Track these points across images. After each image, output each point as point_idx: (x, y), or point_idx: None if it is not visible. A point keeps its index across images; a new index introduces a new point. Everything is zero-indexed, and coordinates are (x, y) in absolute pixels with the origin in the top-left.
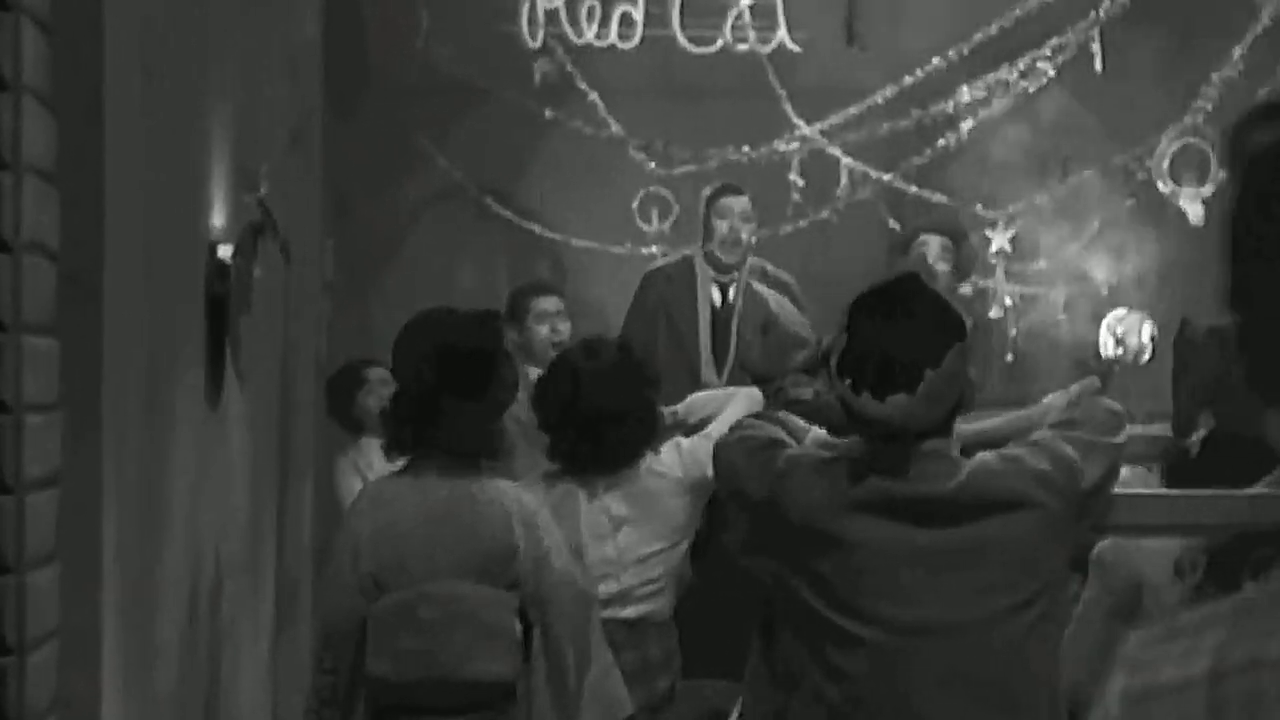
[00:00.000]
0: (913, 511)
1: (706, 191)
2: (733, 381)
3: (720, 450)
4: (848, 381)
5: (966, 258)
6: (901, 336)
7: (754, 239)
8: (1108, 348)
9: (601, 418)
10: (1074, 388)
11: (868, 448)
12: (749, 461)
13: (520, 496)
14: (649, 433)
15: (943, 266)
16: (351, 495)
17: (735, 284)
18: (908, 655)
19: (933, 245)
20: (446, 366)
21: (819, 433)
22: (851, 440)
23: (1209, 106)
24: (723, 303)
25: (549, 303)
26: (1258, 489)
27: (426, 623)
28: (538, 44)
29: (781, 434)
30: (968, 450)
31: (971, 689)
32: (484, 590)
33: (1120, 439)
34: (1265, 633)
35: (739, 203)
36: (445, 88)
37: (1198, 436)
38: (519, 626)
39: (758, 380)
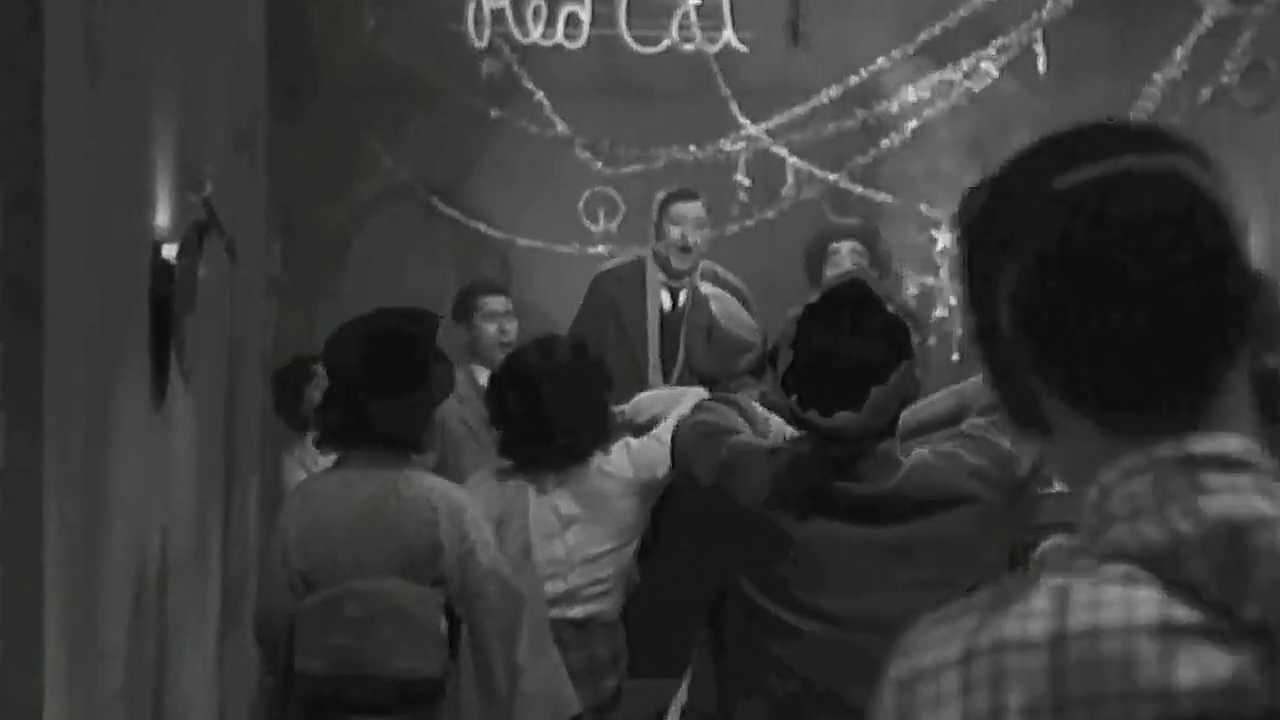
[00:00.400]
0: (855, 509)
1: (660, 195)
2: (680, 385)
3: (678, 432)
4: (794, 397)
5: (884, 255)
6: (849, 353)
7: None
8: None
9: (555, 416)
10: None
11: (813, 446)
12: (699, 446)
13: (447, 492)
14: (601, 432)
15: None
16: None
17: (686, 289)
18: (848, 650)
19: (843, 251)
20: (374, 361)
21: (779, 422)
22: (799, 436)
23: (1151, 106)
24: (673, 307)
25: (497, 302)
26: None
27: (352, 619)
28: (484, 43)
29: (738, 420)
30: (906, 440)
31: None
32: (410, 587)
33: None
34: (1012, 617)
35: (693, 209)
36: (392, 87)
37: None
38: (445, 623)
39: (704, 382)
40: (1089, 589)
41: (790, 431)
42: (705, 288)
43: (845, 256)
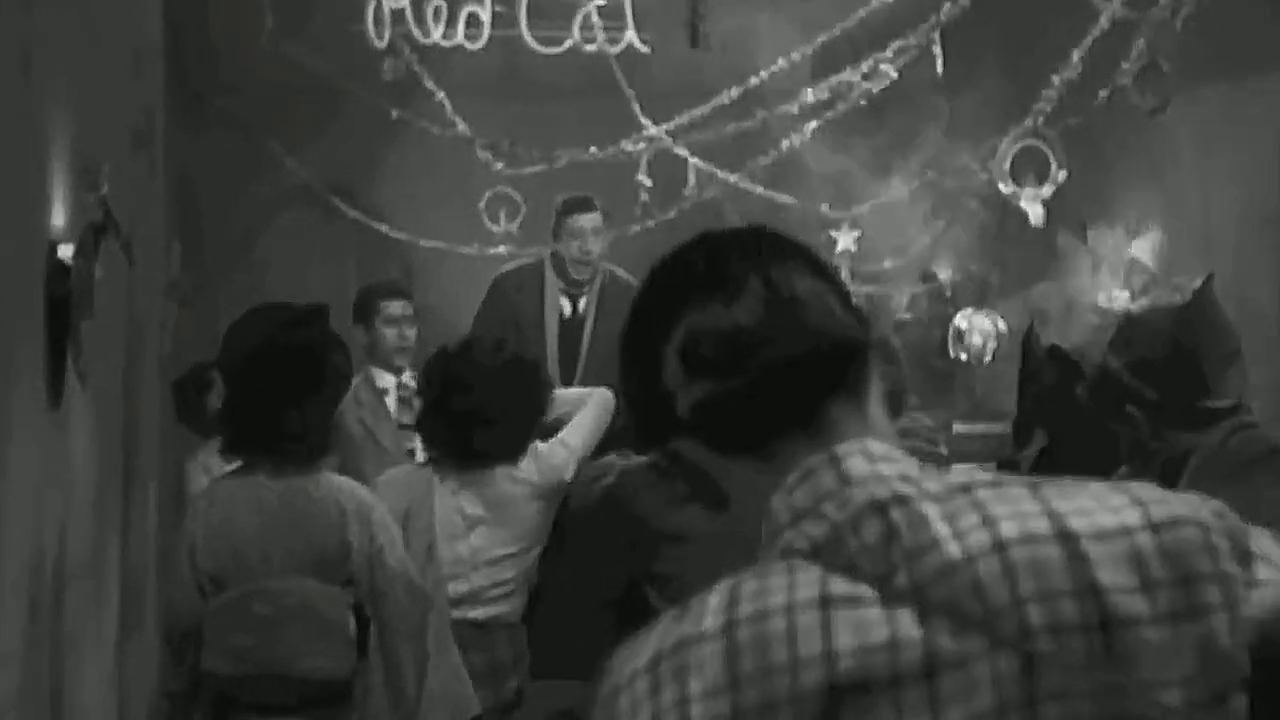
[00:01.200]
0: None
1: (558, 204)
2: None
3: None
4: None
5: None
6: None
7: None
8: (953, 347)
9: (492, 414)
10: None
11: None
12: (585, 485)
13: (356, 492)
14: (529, 433)
15: None
16: None
17: (586, 295)
18: None
19: None
20: (274, 364)
21: None
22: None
23: (1049, 108)
24: (572, 313)
25: (397, 306)
26: None
27: (260, 619)
28: (384, 44)
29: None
30: None
31: None
32: (319, 587)
33: (943, 450)
34: (690, 620)
35: (590, 220)
36: (292, 87)
37: (1031, 451)
38: (353, 623)
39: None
40: (756, 581)
41: None
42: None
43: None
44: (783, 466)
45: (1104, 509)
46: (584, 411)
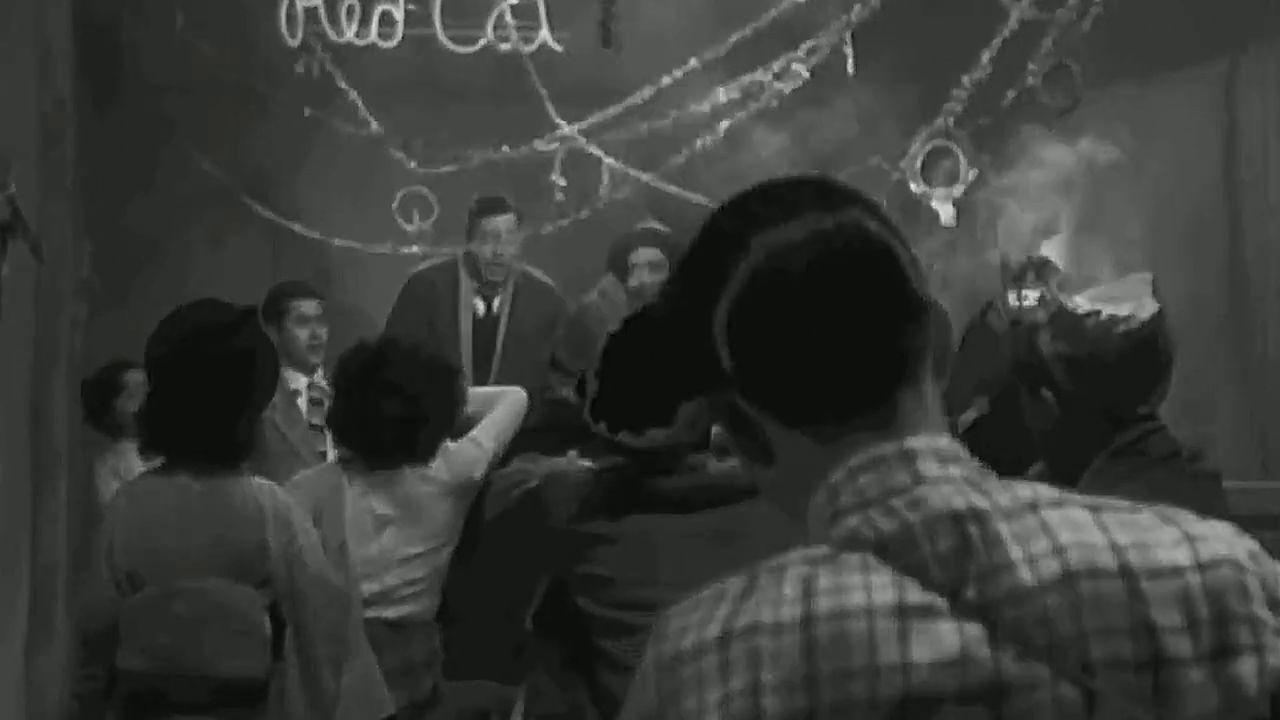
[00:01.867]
0: (669, 500)
1: (472, 205)
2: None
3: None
4: (603, 423)
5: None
6: (654, 376)
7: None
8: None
9: (408, 414)
10: None
11: (627, 461)
12: (505, 491)
13: (275, 494)
14: (444, 435)
15: (658, 276)
16: None
17: (500, 295)
18: None
19: (641, 262)
20: (205, 365)
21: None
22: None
23: (958, 108)
24: (486, 312)
25: (308, 306)
26: None
27: (177, 619)
28: (297, 42)
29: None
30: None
31: None
32: (236, 587)
33: None
34: (763, 602)
35: (505, 222)
36: (204, 85)
37: (966, 417)
38: (270, 624)
39: (565, 372)
40: (832, 575)
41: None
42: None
43: (644, 267)
44: (839, 452)
45: (1159, 545)
46: (496, 410)
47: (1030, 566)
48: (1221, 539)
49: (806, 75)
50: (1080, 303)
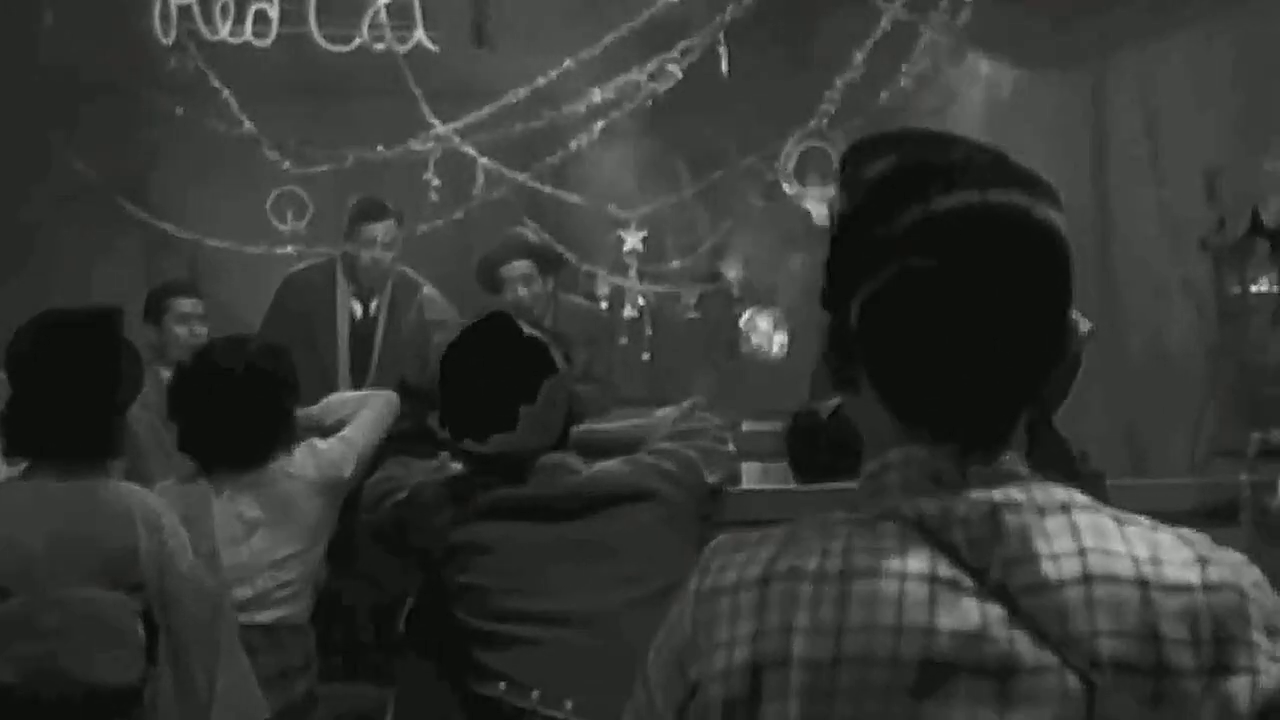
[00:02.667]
0: (540, 510)
1: (352, 208)
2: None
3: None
4: (447, 430)
5: (555, 261)
6: (492, 383)
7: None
8: (742, 345)
9: (237, 417)
10: (685, 403)
11: (486, 468)
12: (375, 502)
13: (144, 498)
14: (282, 434)
15: (535, 289)
16: None
17: (377, 297)
18: (550, 647)
19: (515, 277)
20: (64, 365)
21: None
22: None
23: (832, 109)
24: (364, 315)
25: (187, 304)
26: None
27: (46, 628)
28: (170, 40)
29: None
30: (587, 452)
31: (609, 678)
32: (106, 594)
33: (732, 449)
34: (805, 551)
35: (384, 230)
36: (75, 83)
37: (831, 403)
38: (143, 630)
39: (407, 393)
40: (871, 538)
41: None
42: (432, 309)
43: (517, 281)
44: (911, 434)
45: (1173, 563)
46: (366, 410)
47: (1054, 562)
48: (1231, 566)
49: (680, 75)
50: None
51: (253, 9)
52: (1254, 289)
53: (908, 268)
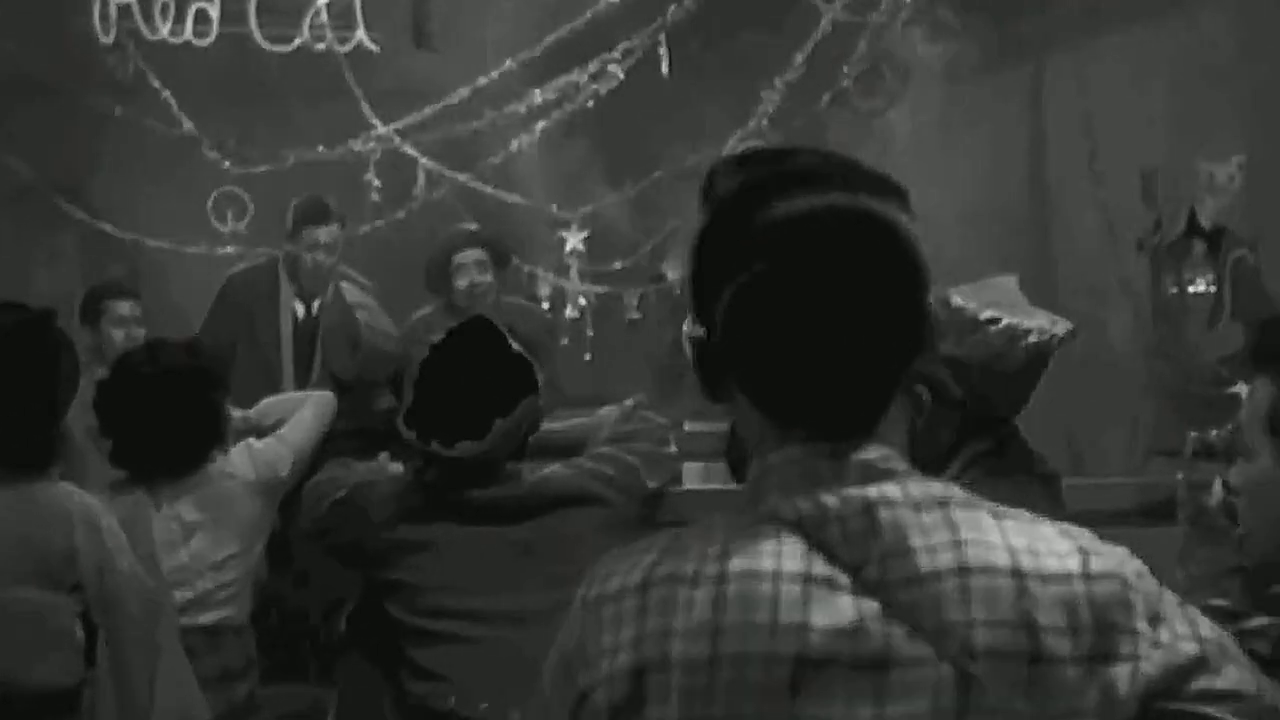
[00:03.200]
0: (480, 511)
1: (295, 210)
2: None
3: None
4: (414, 431)
5: (506, 256)
6: (471, 393)
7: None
8: (684, 346)
9: (165, 421)
10: (627, 403)
11: (438, 469)
12: (315, 502)
13: (83, 498)
14: (213, 436)
15: (487, 279)
16: None
17: (320, 297)
18: (488, 646)
19: (468, 262)
20: (1, 367)
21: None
22: (422, 464)
23: (773, 110)
24: (306, 315)
25: (124, 307)
26: None
27: None
28: (110, 39)
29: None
30: (530, 452)
31: (535, 677)
32: (45, 595)
33: (673, 449)
34: (684, 557)
35: (327, 234)
36: (13, 83)
37: None
38: (81, 632)
39: (343, 388)
40: (749, 540)
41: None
42: (350, 294)
43: (471, 267)
44: (786, 436)
45: (1052, 553)
46: (303, 410)
47: (929, 555)
48: (1113, 557)
49: (621, 76)
50: (968, 305)
51: (193, 9)
52: (1190, 289)
53: (758, 272)
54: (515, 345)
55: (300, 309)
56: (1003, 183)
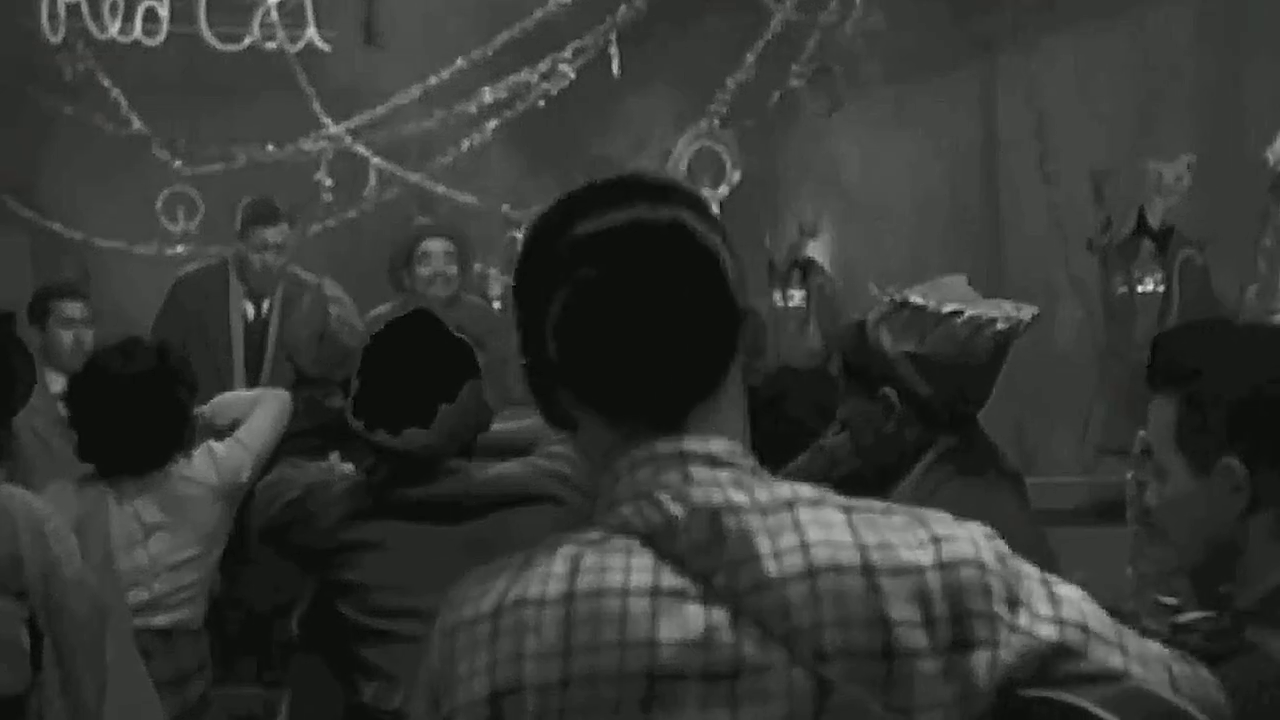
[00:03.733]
0: (434, 510)
1: (244, 211)
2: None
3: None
4: (361, 421)
5: (470, 252)
6: (414, 377)
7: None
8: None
9: (135, 421)
10: None
11: (387, 467)
12: (266, 504)
13: (28, 502)
14: (178, 439)
15: (452, 270)
16: None
17: (270, 297)
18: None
19: (435, 251)
20: None
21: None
22: (372, 462)
23: (724, 110)
24: (256, 316)
25: (73, 308)
26: None
27: None
28: (59, 39)
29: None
30: (481, 454)
31: None
32: None
33: None
34: (533, 579)
35: (275, 234)
36: None
37: None
38: (28, 637)
39: (307, 382)
40: (597, 557)
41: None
42: (329, 288)
43: (438, 256)
44: (627, 441)
45: (904, 545)
46: (259, 411)
47: (776, 559)
48: (969, 541)
49: (572, 76)
50: (929, 302)
51: (142, 7)
52: (1140, 289)
53: (581, 281)
54: (457, 332)
55: (250, 309)
56: (954, 183)
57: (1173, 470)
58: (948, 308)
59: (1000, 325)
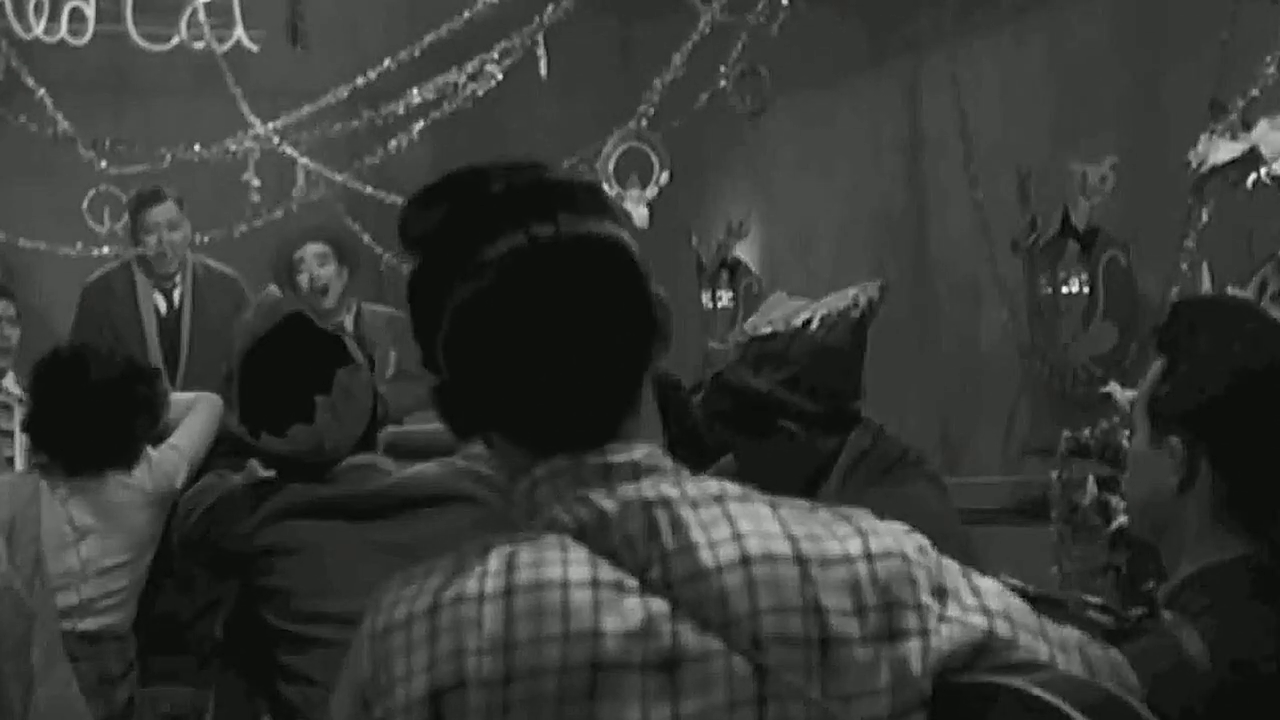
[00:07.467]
0: (349, 511)
1: (129, 202)
2: (187, 387)
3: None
4: (244, 428)
5: (352, 249)
6: (286, 374)
7: (195, 236)
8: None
9: (91, 426)
10: None
11: (289, 468)
12: (186, 514)
13: None
14: (126, 455)
15: (329, 271)
16: None
17: (179, 287)
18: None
19: (308, 258)
20: None
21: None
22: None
23: (651, 110)
24: (169, 308)
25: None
26: None
27: None
28: None
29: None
30: (400, 455)
31: None
32: None
33: None
34: (469, 575)
35: (163, 213)
36: None
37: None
38: None
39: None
40: (533, 552)
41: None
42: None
43: (310, 261)
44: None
45: (832, 537)
46: (193, 416)
47: (711, 550)
48: (892, 535)
49: (499, 76)
50: (775, 325)
51: (68, 7)
52: (1064, 290)
53: (478, 294)
54: (326, 326)
55: (162, 303)
56: (879, 184)
57: (1139, 431)
58: (796, 320)
59: (854, 313)
